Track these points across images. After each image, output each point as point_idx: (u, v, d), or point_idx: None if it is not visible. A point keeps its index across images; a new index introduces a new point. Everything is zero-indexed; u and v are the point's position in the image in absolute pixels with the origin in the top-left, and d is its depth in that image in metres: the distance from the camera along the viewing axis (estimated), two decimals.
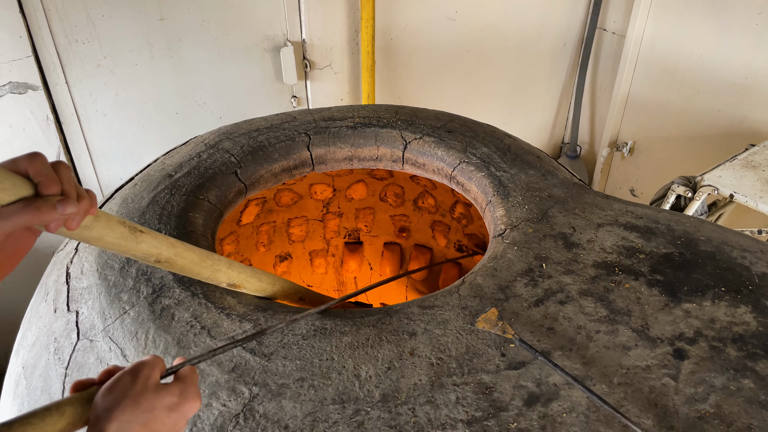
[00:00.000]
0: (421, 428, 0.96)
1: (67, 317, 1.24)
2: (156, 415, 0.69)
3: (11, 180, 0.64)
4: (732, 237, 1.35)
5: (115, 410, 0.67)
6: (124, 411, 0.67)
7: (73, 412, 0.68)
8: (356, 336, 1.11)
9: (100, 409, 0.67)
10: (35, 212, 0.64)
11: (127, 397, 0.68)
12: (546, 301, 1.18)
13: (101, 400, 0.68)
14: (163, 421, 0.70)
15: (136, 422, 0.68)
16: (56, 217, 0.66)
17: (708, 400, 0.99)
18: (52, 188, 0.66)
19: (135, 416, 0.68)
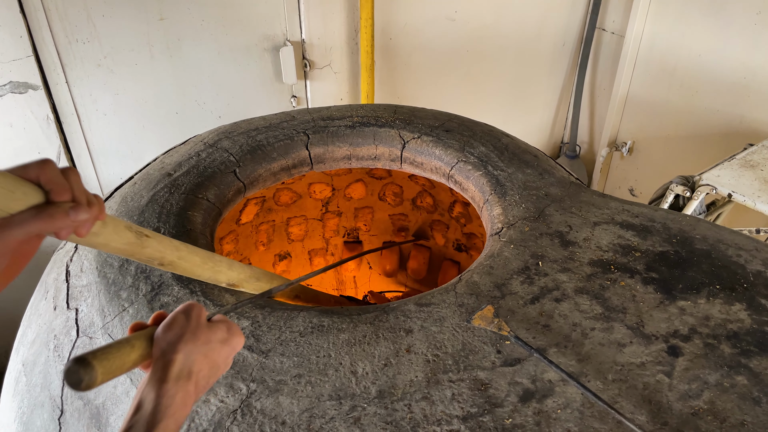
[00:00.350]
0: (417, 424, 0.97)
1: (67, 315, 1.25)
2: (213, 347, 0.76)
3: (23, 188, 0.64)
4: (727, 235, 1.36)
5: (179, 343, 0.73)
6: (186, 343, 0.73)
7: (142, 345, 0.73)
8: (353, 333, 1.12)
9: (164, 343, 0.73)
10: (48, 220, 0.65)
11: (187, 331, 0.74)
12: (542, 299, 1.19)
13: (163, 336, 0.73)
14: (219, 352, 0.77)
15: (198, 353, 0.74)
16: (68, 224, 0.68)
17: (702, 397, 1.00)
18: (63, 195, 0.67)
19: (196, 347, 0.74)
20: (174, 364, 0.71)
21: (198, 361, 0.74)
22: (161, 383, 0.70)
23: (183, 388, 0.71)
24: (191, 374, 0.72)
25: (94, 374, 0.65)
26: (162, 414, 0.68)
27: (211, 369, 0.77)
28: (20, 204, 0.64)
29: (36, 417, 1.17)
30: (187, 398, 0.72)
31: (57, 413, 1.14)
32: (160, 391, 0.69)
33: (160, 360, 0.72)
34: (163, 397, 0.69)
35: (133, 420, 0.68)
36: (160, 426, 0.67)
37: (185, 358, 0.72)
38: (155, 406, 0.68)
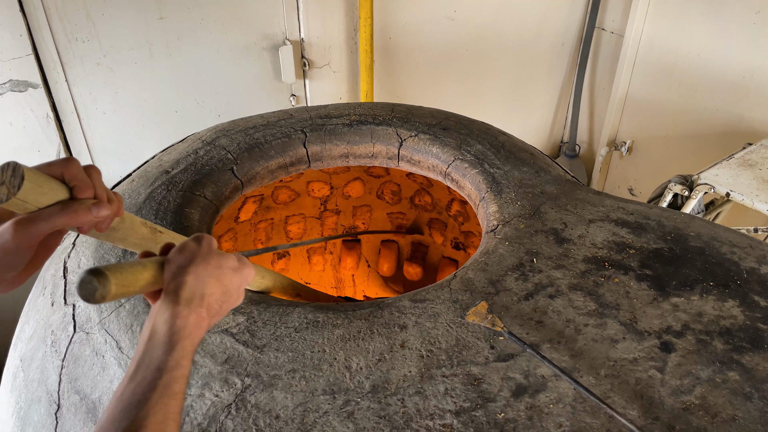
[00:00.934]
0: (410, 418, 0.97)
1: (64, 310, 1.26)
2: (224, 272, 0.76)
3: (49, 184, 0.67)
4: (722, 233, 1.36)
5: (190, 265, 0.73)
6: (197, 265, 0.73)
7: (153, 267, 0.73)
8: (348, 329, 1.13)
9: (175, 266, 0.73)
10: (73, 215, 0.68)
11: (198, 255, 0.75)
12: (536, 295, 1.20)
13: (175, 259, 0.74)
14: (230, 278, 0.77)
15: (209, 275, 0.74)
16: (91, 220, 0.70)
17: (693, 392, 1.01)
18: (86, 192, 0.69)
19: (207, 270, 0.74)
20: (185, 285, 0.72)
21: (209, 284, 0.74)
22: (174, 305, 0.70)
23: (195, 310, 0.71)
24: (203, 296, 0.73)
25: (108, 285, 0.65)
26: (178, 335, 0.68)
27: (224, 294, 0.76)
28: (47, 199, 0.67)
29: (33, 412, 1.18)
30: (201, 320, 0.72)
31: (54, 408, 1.14)
32: (174, 312, 0.70)
33: (172, 282, 0.72)
34: (177, 318, 0.69)
35: (149, 345, 0.68)
36: (178, 347, 0.68)
37: (196, 280, 0.73)
38: (170, 327, 0.69)
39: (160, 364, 0.66)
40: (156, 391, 0.64)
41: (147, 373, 0.65)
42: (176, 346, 0.68)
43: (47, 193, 0.66)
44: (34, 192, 0.65)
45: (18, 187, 0.63)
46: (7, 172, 0.64)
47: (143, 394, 0.63)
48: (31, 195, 0.65)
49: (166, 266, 0.74)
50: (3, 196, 0.63)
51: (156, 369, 0.66)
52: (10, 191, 0.63)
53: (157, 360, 0.66)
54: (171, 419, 0.64)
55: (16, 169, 0.64)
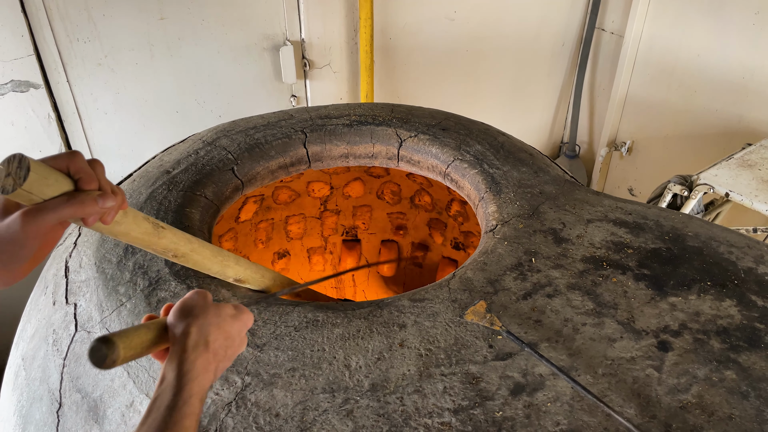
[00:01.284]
0: (409, 416, 0.98)
1: (66, 309, 1.27)
2: (224, 319, 0.80)
3: (54, 176, 0.68)
4: (719, 233, 1.37)
5: (191, 318, 0.77)
6: (198, 317, 0.77)
7: (156, 328, 0.77)
8: (347, 328, 1.14)
9: (178, 322, 0.77)
10: (79, 205, 0.69)
11: (196, 307, 0.79)
12: (534, 295, 1.20)
13: (176, 316, 0.78)
14: (231, 324, 0.81)
15: (210, 324, 0.78)
16: (97, 211, 0.71)
17: (690, 391, 1.01)
18: (92, 184, 0.71)
19: (208, 320, 0.78)
20: (190, 335, 0.75)
21: (212, 331, 0.78)
22: (181, 353, 0.74)
23: (202, 355, 0.75)
24: (207, 343, 0.76)
25: (117, 351, 0.69)
26: (185, 378, 0.72)
27: (227, 339, 0.80)
28: (53, 190, 0.68)
29: (35, 410, 1.19)
30: (208, 364, 0.76)
31: (55, 406, 1.15)
32: (181, 359, 0.73)
33: (177, 336, 0.76)
34: (185, 363, 0.73)
35: (159, 390, 0.72)
36: (186, 388, 0.71)
37: (198, 330, 0.76)
38: (178, 372, 0.72)
39: (170, 404, 0.70)
40: (168, 428, 0.68)
41: (158, 414, 0.69)
42: (184, 387, 0.71)
43: (53, 185, 0.68)
44: (40, 183, 0.66)
45: (24, 178, 0.64)
46: (13, 163, 0.65)
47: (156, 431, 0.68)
48: (36, 186, 0.66)
49: (169, 324, 0.78)
50: (9, 187, 0.64)
51: (166, 408, 0.69)
52: (16, 182, 0.64)
53: (167, 401, 0.70)
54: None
55: (22, 160, 0.65)
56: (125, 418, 1.06)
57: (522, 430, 0.95)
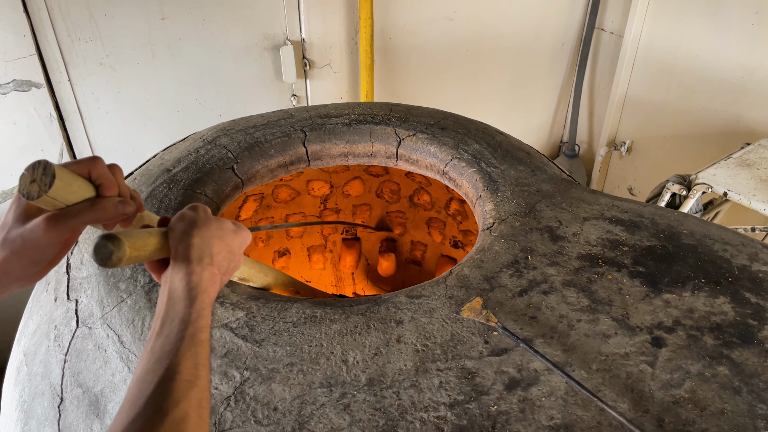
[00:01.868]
0: (405, 410, 0.99)
1: (67, 306, 1.29)
2: (225, 233, 0.81)
3: (78, 182, 0.70)
4: (714, 231, 1.38)
5: (194, 228, 0.77)
6: (200, 228, 0.78)
7: (158, 235, 0.77)
8: (345, 324, 1.15)
9: (180, 231, 0.77)
10: (102, 212, 0.71)
11: (198, 219, 0.79)
12: (530, 292, 1.22)
13: (177, 226, 0.78)
14: (232, 238, 0.82)
15: (213, 236, 0.78)
16: (118, 216, 0.73)
17: (683, 386, 1.03)
18: (112, 190, 0.73)
19: (210, 232, 0.78)
20: (194, 247, 0.75)
21: (215, 243, 0.78)
22: (186, 264, 0.74)
23: (207, 267, 0.75)
24: (212, 255, 0.77)
25: (123, 248, 0.69)
26: (195, 290, 0.72)
27: (229, 253, 0.81)
28: (75, 197, 0.69)
29: (36, 405, 1.20)
30: (214, 276, 0.76)
31: (57, 401, 1.17)
32: (188, 270, 0.73)
33: (180, 246, 0.76)
34: (192, 275, 0.73)
35: (169, 303, 0.72)
36: (197, 300, 0.71)
37: (202, 241, 0.76)
38: (187, 284, 0.72)
39: (183, 316, 0.70)
40: (184, 341, 0.68)
41: (172, 327, 0.69)
42: (196, 300, 0.71)
43: (76, 191, 0.69)
44: (64, 190, 0.67)
45: (49, 185, 0.65)
46: (38, 170, 0.66)
47: (172, 344, 0.67)
48: (61, 193, 0.67)
49: (170, 234, 0.77)
50: (34, 193, 0.66)
51: (180, 321, 0.69)
52: (41, 189, 0.65)
53: (179, 314, 0.70)
54: (202, 365, 0.68)
55: (47, 167, 0.66)
56: None
57: (517, 424, 0.97)
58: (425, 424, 0.97)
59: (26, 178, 0.66)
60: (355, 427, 0.97)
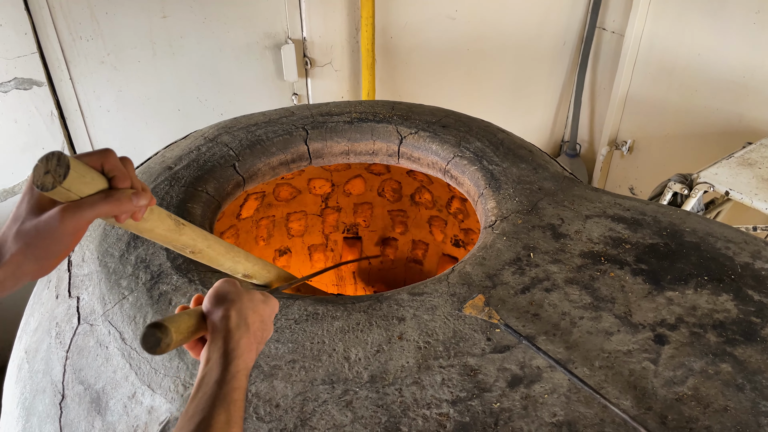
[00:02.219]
0: (407, 407, 0.99)
1: (69, 303, 1.29)
2: (257, 304, 0.83)
3: (91, 174, 0.69)
4: (717, 228, 1.38)
5: (227, 303, 0.79)
6: (234, 302, 0.80)
7: (196, 315, 0.79)
8: (347, 321, 1.15)
9: (215, 307, 0.79)
10: (116, 203, 0.71)
11: (231, 293, 0.81)
12: (532, 289, 1.21)
13: (213, 303, 0.80)
14: (263, 309, 0.85)
15: (247, 308, 0.81)
16: (131, 208, 0.73)
17: (686, 383, 1.02)
18: (125, 182, 0.73)
19: (243, 304, 0.81)
20: (231, 318, 0.78)
21: (249, 315, 0.80)
22: (225, 333, 0.76)
23: (244, 336, 0.78)
24: (248, 325, 0.79)
25: (170, 335, 0.71)
26: (231, 355, 0.74)
27: (262, 323, 0.83)
28: (89, 188, 0.69)
29: (38, 402, 1.20)
30: (250, 344, 0.78)
31: (58, 398, 1.17)
32: (226, 339, 0.76)
33: (217, 320, 0.78)
34: (230, 342, 0.75)
35: (205, 370, 0.74)
36: (232, 364, 0.73)
37: (237, 313, 0.79)
38: (224, 350, 0.74)
39: (218, 378, 0.72)
40: (217, 399, 0.70)
41: (207, 389, 0.71)
42: (231, 363, 0.74)
43: (89, 183, 0.69)
44: (78, 181, 0.67)
45: (64, 176, 0.65)
46: (52, 161, 0.66)
47: (205, 403, 0.70)
48: (75, 184, 0.67)
49: (206, 311, 0.80)
50: (49, 184, 0.65)
51: (215, 383, 0.72)
52: (56, 180, 0.65)
53: (215, 377, 0.72)
54: (235, 423, 0.70)
55: (61, 158, 0.66)
56: (127, 409, 1.07)
57: (519, 421, 0.96)
58: (428, 421, 0.97)
59: (40, 169, 0.66)
60: (358, 424, 0.97)
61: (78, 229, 0.70)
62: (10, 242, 0.68)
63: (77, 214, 0.68)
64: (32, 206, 0.69)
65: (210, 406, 0.69)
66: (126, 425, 1.05)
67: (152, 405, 1.05)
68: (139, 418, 1.05)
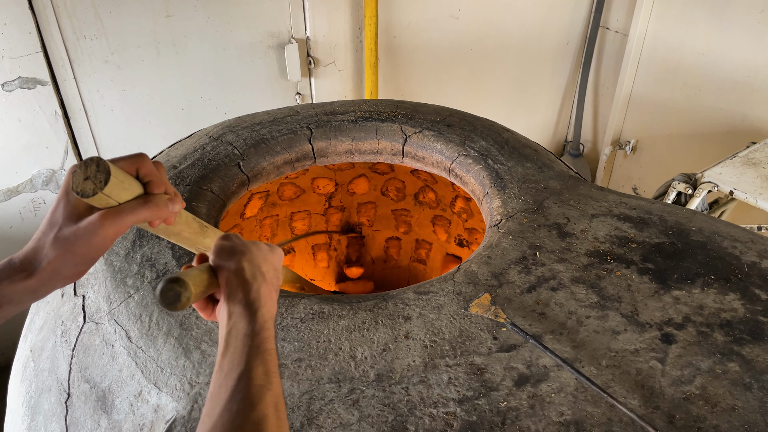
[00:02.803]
0: (414, 406, 0.99)
1: (74, 301, 1.28)
2: (266, 253, 0.81)
3: (129, 180, 0.69)
4: (723, 227, 1.37)
5: (238, 254, 0.76)
6: (243, 254, 0.76)
7: (206, 269, 0.75)
8: (353, 320, 1.15)
9: (225, 261, 0.75)
10: (155, 209, 0.71)
11: (238, 245, 0.78)
12: (538, 288, 1.21)
13: (221, 257, 0.76)
14: (272, 257, 0.82)
15: (257, 257, 0.78)
16: (167, 214, 0.73)
17: (694, 382, 1.02)
18: (161, 187, 0.73)
19: (252, 254, 0.77)
20: (245, 270, 0.75)
21: (261, 263, 0.78)
22: (243, 285, 0.73)
23: (263, 285, 0.75)
24: (263, 273, 0.77)
25: (189, 288, 0.68)
26: (255, 305, 0.72)
27: (275, 270, 0.81)
28: (127, 194, 0.69)
29: (43, 400, 1.20)
30: (270, 291, 0.76)
31: (64, 396, 1.16)
32: (245, 290, 0.73)
33: (230, 274, 0.74)
34: (250, 293, 0.73)
35: (230, 324, 0.71)
36: (258, 314, 0.71)
37: (250, 263, 0.76)
38: (246, 302, 0.72)
39: (247, 331, 0.70)
40: (252, 351, 0.68)
41: (237, 343, 0.69)
42: (257, 313, 0.71)
43: (128, 189, 0.68)
44: (117, 187, 0.66)
45: (104, 182, 0.64)
46: (91, 167, 0.65)
47: (240, 356, 0.68)
48: (115, 190, 0.66)
49: (216, 266, 0.76)
50: (89, 191, 0.65)
51: (244, 335, 0.69)
52: (97, 186, 0.64)
53: (243, 329, 0.70)
54: (272, 372, 0.68)
55: (100, 164, 0.65)
56: (133, 407, 1.07)
57: (526, 420, 0.96)
58: (434, 420, 0.97)
59: (79, 175, 0.65)
60: (364, 423, 0.97)
61: (117, 235, 0.69)
62: (48, 249, 0.68)
63: (117, 221, 0.68)
64: (69, 212, 0.68)
65: (245, 360, 0.67)
66: (132, 424, 1.05)
67: (158, 403, 1.05)
68: (145, 416, 1.05)
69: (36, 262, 0.68)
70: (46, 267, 0.67)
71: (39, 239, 0.69)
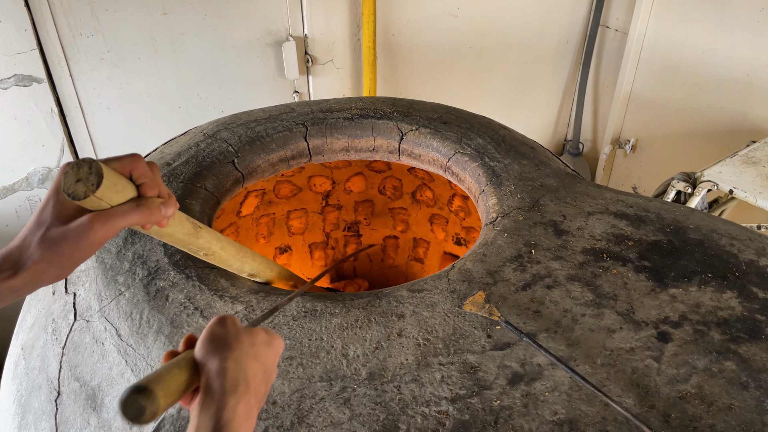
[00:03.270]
0: (406, 405, 0.98)
1: (65, 299, 1.27)
2: (259, 349, 0.69)
3: (122, 182, 0.67)
4: (721, 225, 1.36)
5: (225, 351, 0.66)
6: (232, 350, 0.66)
7: (187, 366, 0.65)
8: (345, 317, 1.14)
9: (209, 357, 0.65)
10: (147, 213, 0.69)
11: (228, 338, 0.67)
12: (533, 286, 1.20)
13: (207, 350, 0.66)
14: (266, 354, 0.71)
15: (247, 356, 0.67)
16: (160, 218, 0.71)
17: (690, 381, 1.01)
18: (154, 190, 0.71)
19: (243, 351, 0.67)
20: (227, 372, 0.64)
21: (251, 366, 0.67)
22: (219, 396, 0.62)
23: (243, 399, 0.63)
24: (248, 381, 0.65)
25: (156, 401, 0.58)
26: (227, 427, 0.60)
27: (265, 373, 0.70)
28: (120, 197, 0.67)
29: (34, 399, 1.19)
30: (250, 410, 0.64)
31: (54, 395, 1.15)
32: (220, 405, 0.61)
33: (210, 375, 0.64)
34: (224, 411, 0.61)
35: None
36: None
37: (236, 364, 0.65)
38: (216, 422, 0.60)
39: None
40: None
41: None
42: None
43: (120, 191, 0.67)
44: (110, 190, 0.65)
45: (97, 185, 0.63)
46: (83, 168, 0.63)
47: None
48: (107, 193, 0.65)
49: (199, 359, 0.66)
50: (81, 193, 0.63)
51: None
52: (88, 188, 0.63)
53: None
54: None
55: (93, 166, 0.63)
56: None
57: (520, 419, 0.95)
58: (426, 419, 0.96)
59: (71, 176, 0.63)
60: (355, 422, 0.96)
61: (107, 238, 0.67)
62: (34, 248, 0.66)
63: (107, 224, 0.66)
64: (58, 212, 0.67)
65: None
66: (121, 422, 1.04)
67: None
68: None
69: (21, 262, 0.66)
70: (31, 267, 0.66)
71: (25, 237, 0.67)
